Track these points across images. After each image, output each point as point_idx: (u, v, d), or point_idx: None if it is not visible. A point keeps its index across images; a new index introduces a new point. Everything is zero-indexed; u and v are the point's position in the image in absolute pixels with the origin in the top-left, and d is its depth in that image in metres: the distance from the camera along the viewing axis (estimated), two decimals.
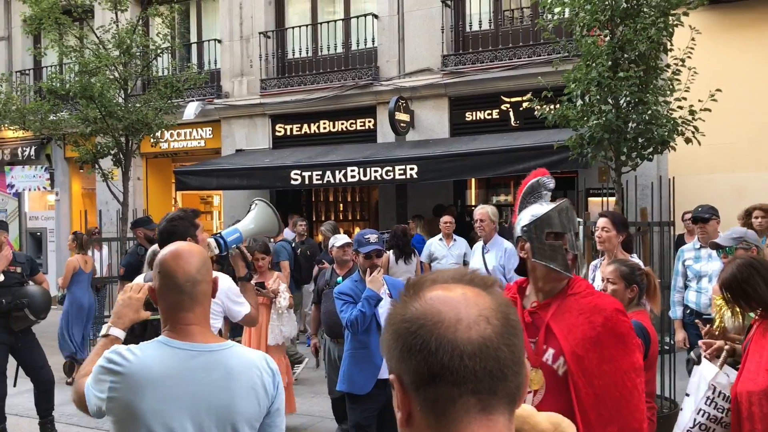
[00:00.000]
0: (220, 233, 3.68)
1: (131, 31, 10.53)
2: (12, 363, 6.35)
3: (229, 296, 3.67)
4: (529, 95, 8.61)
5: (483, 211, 6.86)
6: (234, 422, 2.08)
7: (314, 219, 13.87)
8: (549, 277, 2.46)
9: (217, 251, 3.60)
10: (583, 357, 2.28)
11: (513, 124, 10.96)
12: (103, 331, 2.49)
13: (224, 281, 3.59)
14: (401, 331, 1.00)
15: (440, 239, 8.46)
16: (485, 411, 0.98)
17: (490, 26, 11.37)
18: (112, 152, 10.57)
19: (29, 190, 15.74)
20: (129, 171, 10.71)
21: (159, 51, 11.14)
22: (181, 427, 2.04)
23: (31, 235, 16.02)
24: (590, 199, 9.83)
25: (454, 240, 8.36)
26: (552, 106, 7.08)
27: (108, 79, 10.16)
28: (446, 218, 8.56)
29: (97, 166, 10.83)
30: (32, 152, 15.37)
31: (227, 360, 2.10)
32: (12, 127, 13.42)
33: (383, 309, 4.64)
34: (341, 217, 14.55)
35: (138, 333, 3.11)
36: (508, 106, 11.03)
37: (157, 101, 10.75)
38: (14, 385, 6.36)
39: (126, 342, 2.34)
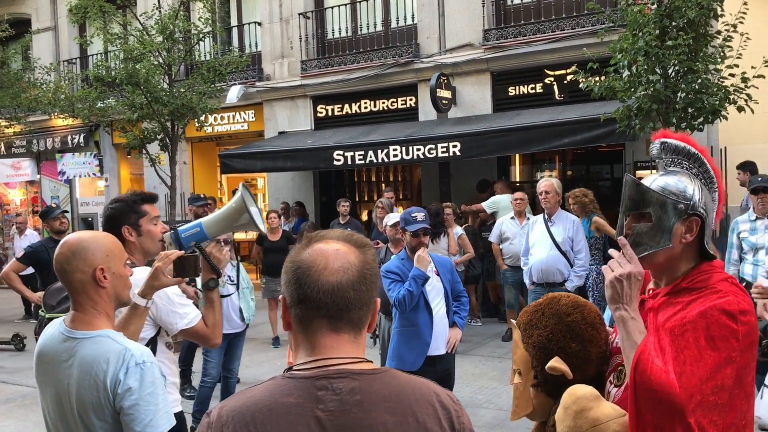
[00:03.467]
0: (175, 226, 3.11)
1: (174, 17, 10.65)
2: None
3: (166, 302, 2.98)
4: (573, 68, 8.45)
5: (548, 183, 6.62)
6: (76, 408, 2.16)
7: (357, 199, 13.92)
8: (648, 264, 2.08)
9: (173, 248, 3.01)
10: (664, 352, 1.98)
11: (557, 98, 10.77)
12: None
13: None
14: (288, 268, 1.44)
15: (512, 218, 8.22)
16: (334, 330, 1.40)
17: None
18: (159, 137, 10.75)
19: (80, 176, 16.12)
20: (175, 155, 10.89)
21: (201, 36, 11.24)
22: (48, 403, 2.24)
23: (83, 220, 16.43)
24: (638, 172, 9.63)
25: (527, 218, 7.92)
26: (598, 78, 6.94)
27: (152, 65, 10.32)
28: (518, 194, 8.17)
29: (144, 152, 11.03)
30: (81, 139, 15.74)
31: (83, 349, 2.17)
32: (62, 116, 13.77)
33: (431, 287, 4.65)
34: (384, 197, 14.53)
35: None
36: (551, 79, 10.85)
37: (200, 86, 10.87)
38: None
39: None
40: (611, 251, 2.05)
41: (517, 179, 12.41)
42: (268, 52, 13.39)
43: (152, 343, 2.97)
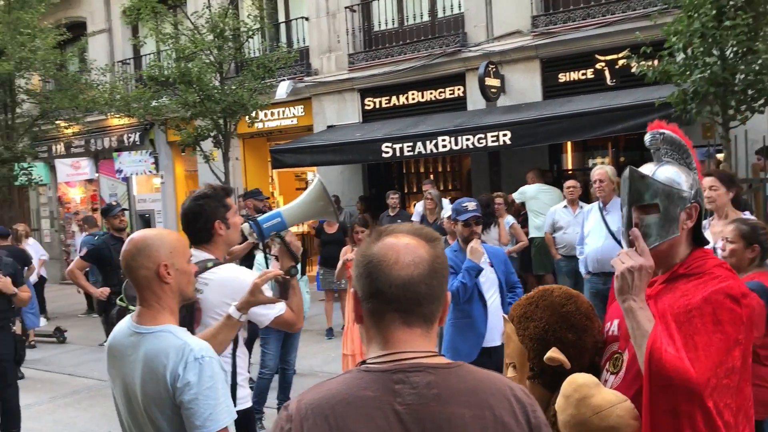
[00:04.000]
0: (255, 217, 3.13)
1: (224, 15, 10.82)
2: None
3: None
4: (625, 52, 8.25)
5: (602, 171, 6.51)
6: (141, 401, 2.22)
7: (406, 191, 13.92)
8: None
9: (252, 238, 3.06)
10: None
11: (609, 83, 10.56)
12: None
13: (239, 276, 3.08)
14: (359, 262, 1.46)
15: (564, 206, 8.10)
16: (406, 323, 1.42)
17: None
18: (212, 134, 10.95)
19: (136, 174, 16.55)
20: (228, 152, 11.08)
21: (250, 33, 11.39)
22: (117, 394, 2.34)
23: (140, 217, 16.89)
24: None
25: (581, 207, 7.75)
26: (651, 62, 6.78)
27: (204, 63, 10.50)
28: (570, 183, 8.00)
29: (198, 149, 11.25)
30: (137, 138, 16.14)
31: (146, 344, 2.22)
32: (118, 115, 14.14)
33: (485, 278, 4.64)
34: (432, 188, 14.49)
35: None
36: (602, 64, 10.63)
37: (250, 82, 11.02)
38: None
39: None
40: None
41: (569, 167, 12.23)
42: (316, 47, 13.49)
43: (234, 339, 3.01)
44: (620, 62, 10.04)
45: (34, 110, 14.69)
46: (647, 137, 2.23)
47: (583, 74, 10.88)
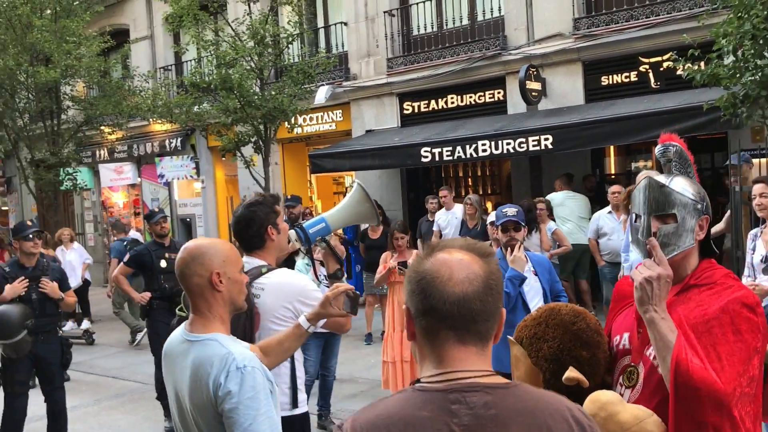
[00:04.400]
0: (300, 223, 3.28)
1: (264, 21, 10.89)
2: None
3: (302, 299, 3.11)
4: (670, 54, 8.07)
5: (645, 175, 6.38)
6: (189, 407, 2.27)
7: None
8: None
9: (299, 245, 3.20)
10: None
11: (653, 86, 10.34)
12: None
13: (294, 281, 3.18)
14: (412, 278, 1.43)
15: (609, 212, 7.95)
16: (460, 341, 1.40)
17: None
18: (252, 140, 11.03)
19: (177, 179, 16.77)
20: (268, 157, 11.15)
21: (290, 39, 11.46)
22: (170, 398, 2.40)
23: (182, 221, 17.12)
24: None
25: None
26: (699, 65, 6.60)
27: (245, 69, 10.59)
28: (615, 188, 7.87)
29: (239, 154, 11.35)
30: (178, 143, 16.36)
31: (195, 351, 2.27)
32: (159, 121, 14.36)
33: (529, 287, 4.55)
34: (471, 193, 14.40)
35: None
36: (646, 67, 10.42)
37: (290, 88, 11.08)
38: None
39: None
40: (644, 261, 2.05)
41: (612, 171, 12.02)
42: (354, 52, 13.51)
43: None
44: (665, 65, 9.84)
45: (79, 116, 15.00)
46: (660, 149, 2.27)
47: (626, 77, 10.68)
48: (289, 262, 5.70)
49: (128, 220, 13.66)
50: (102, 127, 15.34)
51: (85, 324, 12.58)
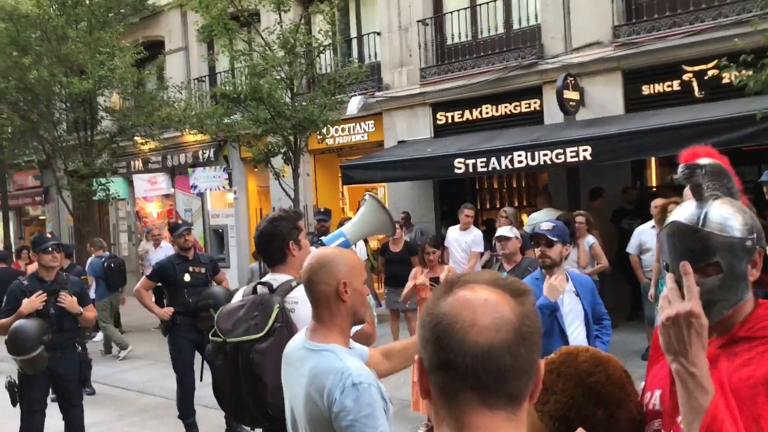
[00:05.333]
0: (320, 240, 3.42)
1: (294, 31, 10.75)
2: (198, 359, 6.63)
3: None
4: (716, 62, 7.66)
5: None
6: (302, 416, 2.26)
7: (479, 207, 13.51)
8: None
9: None
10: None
11: (697, 95, 9.92)
12: None
13: None
14: (425, 322, 1.15)
15: (652, 227, 7.57)
16: (486, 404, 1.11)
17: None
18: (282, 150, 10.88)
19: (210, 190, 16.75)
20: (298, 168, 10.98)
21: (321, 48, 11.30)
22: (286, 402, 2.42)
23: (214, 232, 17.08)
24: None
25: None
26: (753, 72, 6.21)
27: (275, 79, 10.45)
28: (658, 201, 7.50)
29: (269, 165, 11.20)
30: (211, 154, 16.34)
31: (312, 361, 2.26)
32: (192, 132, 14.33)
33: (569, 308, 4.22)
34: (506, 205, 14.05)
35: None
36: (690, 75, 10.00)
37: (321, 98, 10.91)
38: (200, 380, 6.63)
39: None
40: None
41: (654, 184, 11.57)
42: (387, 62, 13.31)
43: None
44: (710, 73, 9.42)
45: (113, 127, 15.07)
46: (683, 172, 1.71)
47: (668, 86, 10.27)
48: None
49: (160, 231, 13.58)
50: (135, 138, 15.38)
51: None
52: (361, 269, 2.44)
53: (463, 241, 9.20)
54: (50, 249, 5.47)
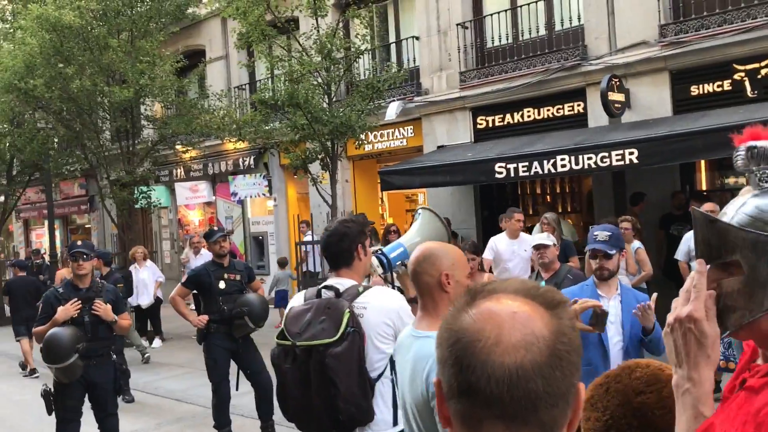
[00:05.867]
0: (381, 250, 3.43)
1: (332, 36, 10.68)
2: (233, 367, 6.55)
3: (402, 316, 3.18)
4: None
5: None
6: (409, 400, 2.41)
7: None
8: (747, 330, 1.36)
9: (380, 270, 3.40)
10: None
11: (749, 95, 9.51)
12: None
13: (393, 298, 3.27)
14: (443, 339, 0.99)
15: None
16: None
17: None
18: (320, 156, 10.80)
19: (250, 197, 16.79)
20: (336, 174, 10.88)
21: (359, 53, 11.20)
22: (399, 390, 2.62)
23: (254, 239, 17.12)
24: None
25: None
26: None
27: (312, 85, 10.38)
28: (708, 205, 7.15)
29: (306, 171, 11.13)
30: (251, 162, 16.38)
31: (415, 347, 2.43)
32: (232, 140, 14.39)
33: (614, 318, 3.98)
34: (548, 211, 13.71)
35: None
36: (742, 74, 9.59)
37: (359, 103, 10.80)
38: (236, 389, 6.55)
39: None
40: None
41: (704, 188, 11.14)
42: (426, 66, 13.15)
43: (390, 360, 3.17)
44: (763, 71, 9.03)
45: (154, 136, 15.23)
46: (739, 154, 1.42)
47: (718, 86, 9.87)
48: None
49: (201, 238, 13.64)
50: (176, 146, 15.50)
51: (157, 342, 12.60)
52: (465, 263, 2.58)
53: (522, 249, 8.29)
54: (75, 256, 5.41)
